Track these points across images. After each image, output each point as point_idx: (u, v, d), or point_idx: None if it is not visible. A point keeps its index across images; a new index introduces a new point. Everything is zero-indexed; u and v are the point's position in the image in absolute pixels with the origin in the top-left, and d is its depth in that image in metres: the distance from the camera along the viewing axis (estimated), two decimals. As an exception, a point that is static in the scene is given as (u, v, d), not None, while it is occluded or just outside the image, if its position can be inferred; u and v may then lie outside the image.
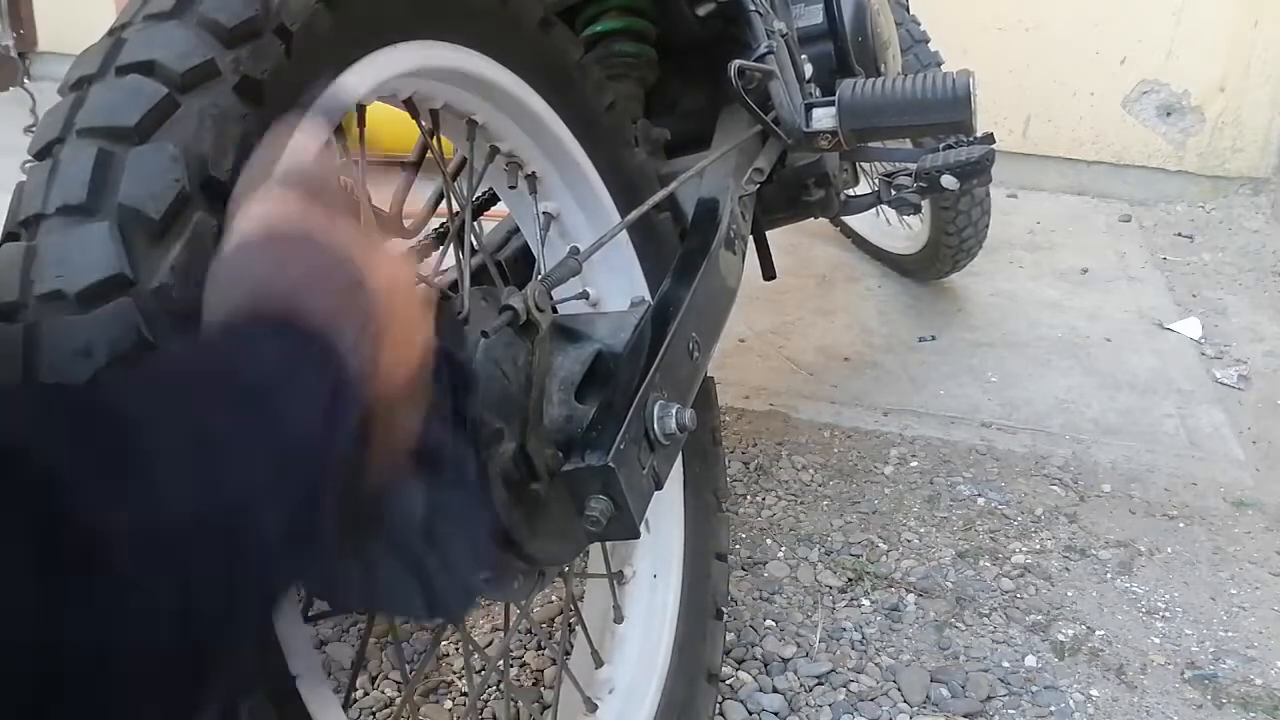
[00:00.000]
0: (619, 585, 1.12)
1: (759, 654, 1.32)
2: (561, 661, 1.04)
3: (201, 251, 0.58)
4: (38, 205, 0.59)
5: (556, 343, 0.93)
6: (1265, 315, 2.33)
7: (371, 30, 0.76)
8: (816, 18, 1.38)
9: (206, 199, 0.59)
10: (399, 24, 0.79)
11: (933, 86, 1.14)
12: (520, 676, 1.28)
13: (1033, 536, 1.56)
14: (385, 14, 0.77)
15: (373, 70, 0.76)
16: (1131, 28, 2.89)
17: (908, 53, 1.85)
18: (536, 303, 0.81)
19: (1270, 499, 1.68)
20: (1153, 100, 2.95)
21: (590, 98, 1.04)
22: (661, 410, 0.87)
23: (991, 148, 1.36)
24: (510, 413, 0.85)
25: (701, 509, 1.19)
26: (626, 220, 0.96)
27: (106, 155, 0.58)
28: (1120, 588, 1.47)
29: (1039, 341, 2.17)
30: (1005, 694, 1.28)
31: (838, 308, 2.28)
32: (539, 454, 0.87)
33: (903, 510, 1.62)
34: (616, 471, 0.80)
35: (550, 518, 0.90)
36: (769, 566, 1.48)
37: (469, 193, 1.00)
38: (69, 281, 0.56)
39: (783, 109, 1.18)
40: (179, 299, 0.57)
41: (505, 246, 1.31)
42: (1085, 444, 1.82)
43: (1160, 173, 3.00)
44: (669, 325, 0.93)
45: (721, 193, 1.14)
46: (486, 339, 0.83)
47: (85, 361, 0.55)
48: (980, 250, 2.17)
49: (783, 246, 2.39)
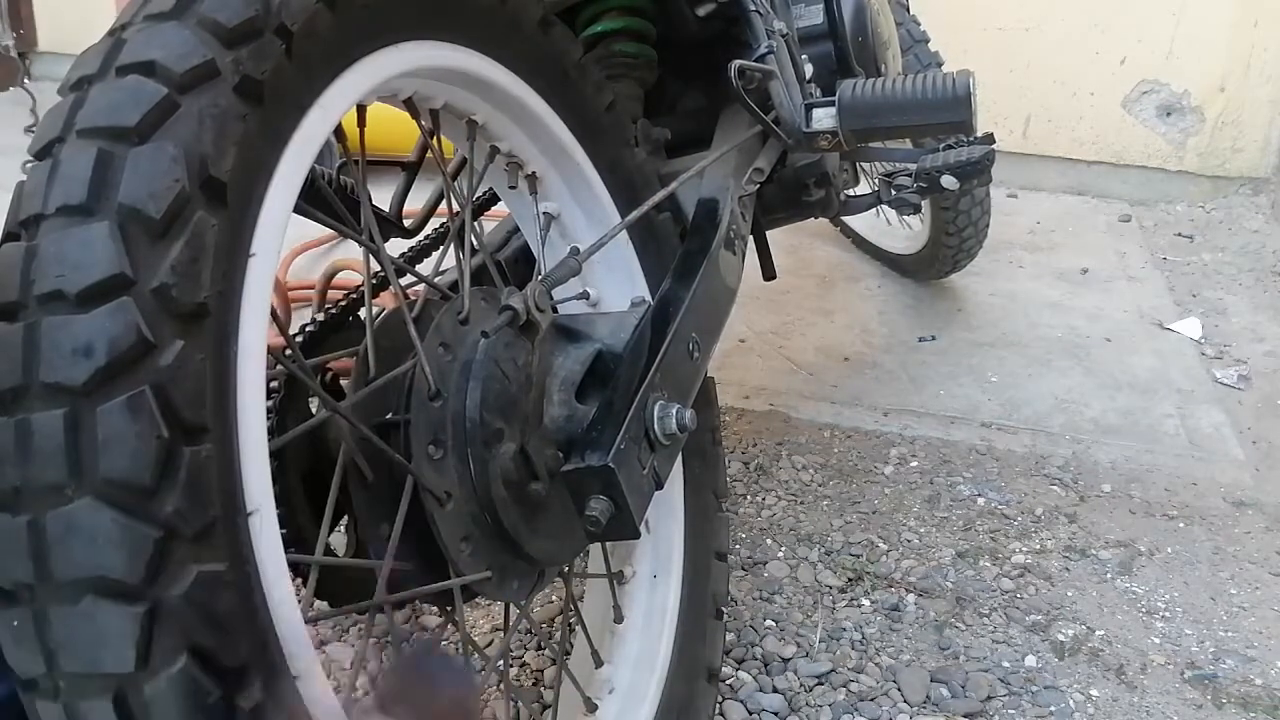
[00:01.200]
0: (619, 585, 1.12)
1: (759, 654, 1.32)
2: (561, 661, 1.04)
3: (201, 251, 0.58)
4: (38, 205, 0.59)
5: (556, 343, 0.93)
6: (1265, 315, 2.33)
7: (372, 30, 0.76)
8: (816, 18, 1.38)
9: (206, 199, 0.59)
10: (399, 24, 0.79)
11: (932, 86, 1.14)
12: (520, 676, 1.28)
13: (1033, 536, 1.56)
14: (386, 14, 0.77)
15: (373, 70, 0.76)
16: (1131, 28, 2.89)
17: (908, 53, 1.85)
18: (536, 303, 0.81)
19: (1270, 499, 1.68)
20: (1153, 100, 2.95)
21: (590, 98, 1.04)
22: (661, 410, 0.87)
23: (991, 148, 1.36)
24: (510, 413, 0.85)
25: (701, 509, 1.19)
26: (626, 220, 0.96)
27: (106, 155, 0.58)
28: (1120, 588, 1.47)
29: (1039, 341, 2.17)
30: (1005, 694, 1.28)
31: (838, 308, 2.28)
32: (539, 454, 0.87)
33: (903, 510, 1.62)
34: (616, 471, 0.80)
35: (550, 518, 0.90)
36: (769, 566, 1.48)
37: (469, 193, 1.00)
38: (69, 281, 0.56)
39: (783, 109, 1.18)
40: (179, 298, 0.57)
41: (505, 246, 1.31)
42: (1085, 444, 1.82)
43: (1160, 173, 3.00)
44: (669, 325, 0.93)
45: (721, 193, 1.14)
46: (486, 339, 0.83)
47: (85, 361, 0.55)
48: (980, 250, 2.17)
49: (783, 246, 2.39)
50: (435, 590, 0.84)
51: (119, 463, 0.54)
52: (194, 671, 0.55)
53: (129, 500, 0.54)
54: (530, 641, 1.33)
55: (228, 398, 0.60)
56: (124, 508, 0.54)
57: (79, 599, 0.54)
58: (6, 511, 0.55)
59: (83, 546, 0.54)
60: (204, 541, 0.56)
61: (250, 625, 0.59)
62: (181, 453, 0.56)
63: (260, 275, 0.63)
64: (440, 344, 0.85)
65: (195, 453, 0.56)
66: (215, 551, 0.57)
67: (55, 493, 0.55)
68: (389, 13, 0.77)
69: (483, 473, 0.83)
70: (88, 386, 0.55)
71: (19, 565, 0.55)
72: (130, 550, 0.54)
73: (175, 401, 0.56)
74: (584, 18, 1.27)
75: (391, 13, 0.78)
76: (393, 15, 0.78)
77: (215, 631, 0.56)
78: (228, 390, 0.60)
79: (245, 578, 0.59)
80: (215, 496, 0.57)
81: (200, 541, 0.56)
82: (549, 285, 0.84)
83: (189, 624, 0.55)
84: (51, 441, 0.54)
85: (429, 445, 0.82)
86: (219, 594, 0.57)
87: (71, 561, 0.54)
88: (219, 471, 0.58)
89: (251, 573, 0.60)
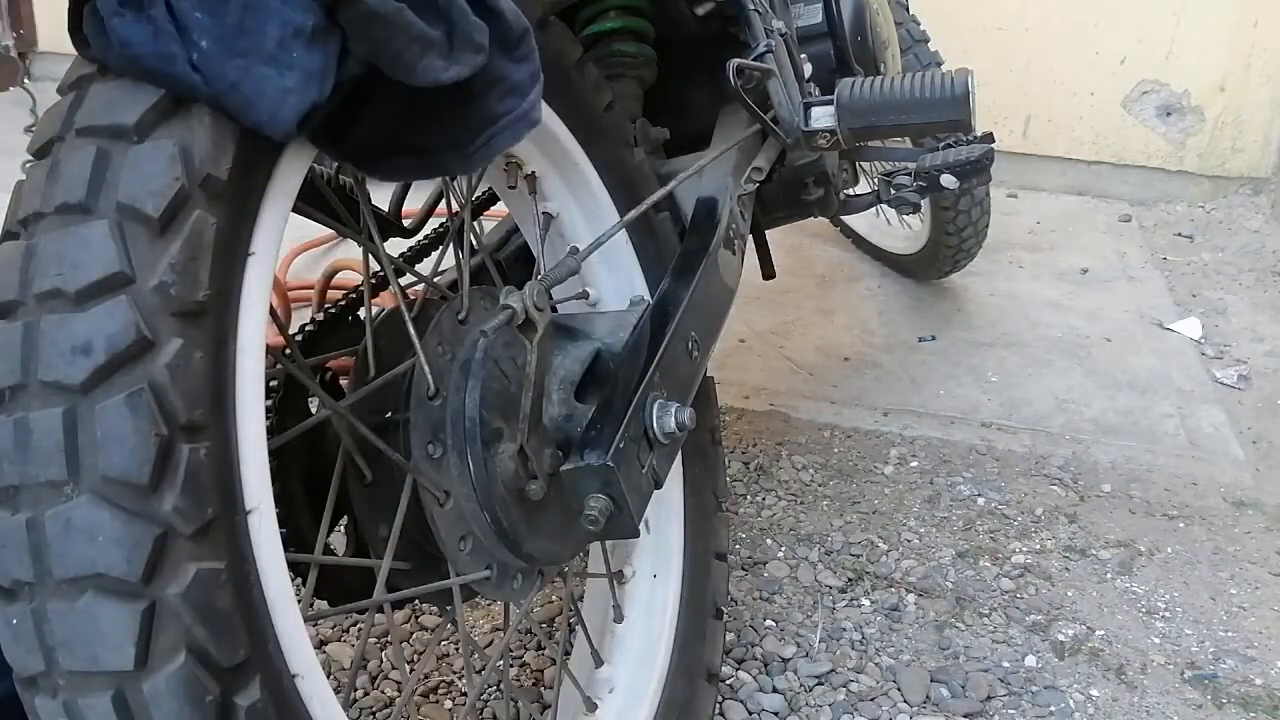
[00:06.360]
0: (619, 585, 1.12)
1: (759, 654, 1.32)
2: (561, 661, 1.04)
3: (200, 249, 0.58)
4: (37, 204, 0.59)
5: (556, 342, 0.93)
6: (1265, 315, 2.33)
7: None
8: (816, 17, 1.38)
9: (205, 197, 0.59)
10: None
11: (931, 86, 1.14)
12: (520, 676, 1.28)
13: (1033, 536, 1.56)
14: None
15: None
16: (1131, 28, 2.89)
17: (907, 52, 1.85)
18: (535, 302, 0.81)
19: (1270, 499, 1.68)
20: (1153, 100, 2.95)
21: (589, 97, 1.04)
22: (661, 409, 0.87)
23: (991, 147, 1.35)
24: (510, 412, 0.86)
25: (701, 509, 1.19)
26: (625, 219, 0.96)
27: (105, 154, 0.58)
28: (1120, 588, 1.47)
29: (1039, 341, 2.17)
30: (1005, 694, 1.28)
31: (838, 308, 2.28)
32: (538, 453, 0.87)
33: (903, 510, 1.62)
34: (616, 470, 0.80)
35: (549, 517, 0.90)
36: (769, 566, 1.48)
37: (468, 193, 1.00)
38: (68, 279, 0.56)
39: (781, 108, 1.18)
40: (178, 297, 0.57)
41: (505, 246, 1.31)
42: (1085, 444, 1.82)
43: (1160, 173, 3.00)
44: (668, 324, 0.93)
45: (720, 192, 1.14)
46: (485, 338, 0.83)
47: (84, 359, 0.55)
48: (980, 250, 2.17)
49: (783, 246, 2.39)
50: (434, 590, 0.85)
51: (118, 461, 0.54)
52: (193, 669, 0.55)
53: (128, 498, 0.54)
54: (530, 641, 1.33)
55: (226, 396, 0.60)
56: (123, 506, 0.54)
57: (78, 597, 0.54)
58: (5, 509, 0.55)
59: (82, 544, 0.54)
60: (203, 540, 0.56)
61: (249, 624, 0.59)
62: (180, 451, 0.56)
63: (259, 274, 0.63)
64: (439, 343, 0.85)
65: (194, 451, 0.56)
66: (214, 550, 0.57)
67: (54, 491, 0.55)
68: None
69: (482, 472, 0.83)
70: (86, 384, 0.55)
71: (18, 563, 0.55)
72: (129, 548, 0.54)
73: (174, 400, 0.56)
74: (583, 17, 1.27)
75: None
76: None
77: (214, 630, 0.56)
78: (226, 388, 0.60)
79: (244, 576, 0.59)
80: (214, 495, 0.57)
81: (199, 540, 0.56)
82: (548, 284, 0.84)
83: (188, 622, 0.55)
84: (50, 440, 0.54)
85: (428, 444, 0.82)
86: (218, 592, 0.57)
87: (70, 559, 0.54)
88: (218, 470, 0.58)
89: (250, 571, 0.60)
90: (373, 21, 0.59)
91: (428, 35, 0.61)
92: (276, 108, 0.58)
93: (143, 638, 0.54)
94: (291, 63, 0.58)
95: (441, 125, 0.68)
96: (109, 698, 0.54)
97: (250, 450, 0.61)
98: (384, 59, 0.61)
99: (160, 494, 0.55)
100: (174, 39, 0.57)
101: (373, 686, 1.26)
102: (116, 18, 0.57)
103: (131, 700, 0.54)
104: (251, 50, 0.57)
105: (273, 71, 0.58)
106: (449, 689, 1.26)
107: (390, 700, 1.24)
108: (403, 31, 0.60)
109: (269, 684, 0.60)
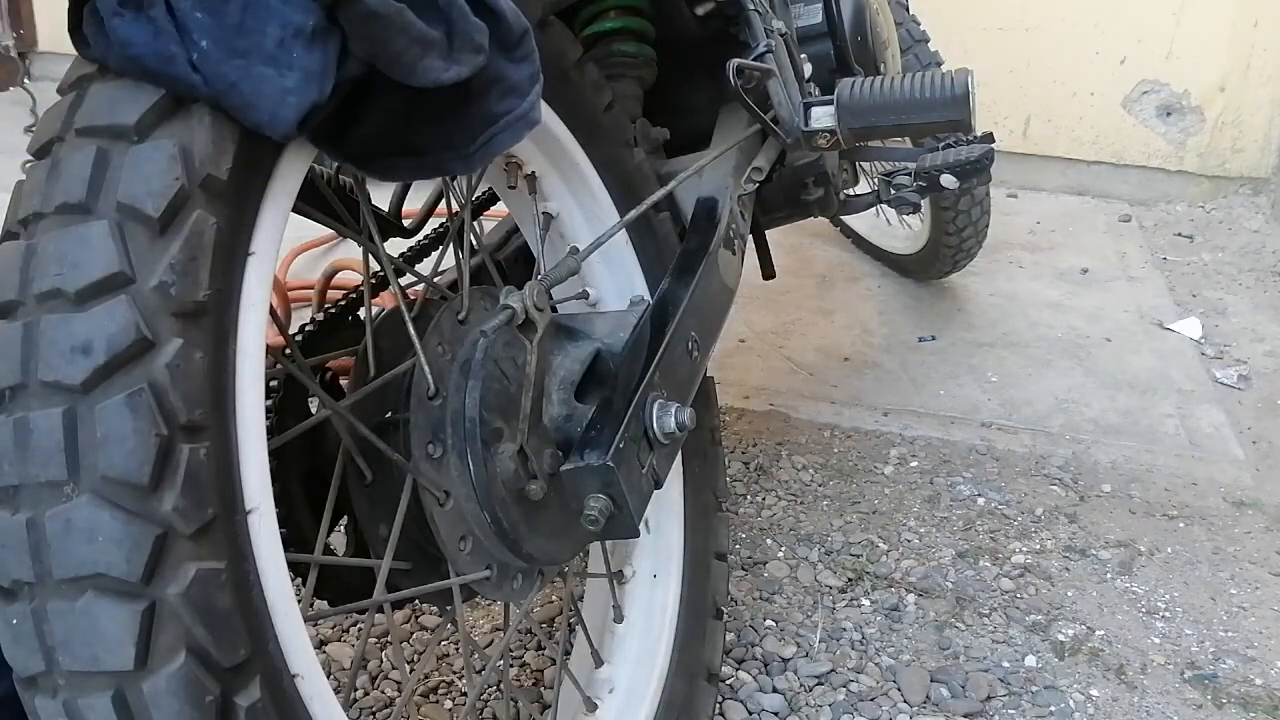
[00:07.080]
0: (619, 585, 1.12)
1: (759, 654, 1.32)
2: (561, 661, 1.04)
3: (200, 249, 0.58)
4: (37, 204, 0.59)
5: (556, 342, 0.93)
6: (1265, 315, 2.33)
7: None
8: (816, 17, 1.38)
9: (205, 197, 0.59)
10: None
11: (931, 86, 1.14)
12: (520, 676, 1.28)
13: (1033, 536, 1.56)
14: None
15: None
16: (1131, 28, 2.89)
17: (907, 52, 1.85)
18: (535, 302, 0.81)
19: (1270, 499, 1.68)
20: (1153, 100, 2.95)
21: (589, 97, 1.04)
22: (661, 409, 0.87)
23: (991, 147, 1.35)
24: (510, 412, 0.86)
25: (701, 509, 1.19)
26: (625, 219, 0.95)
27: (105, 154, 0.58)
28: (1120, 588, 1.47)
29: (1039, 341, 2.17)
30: (1005, 694, 1.28)
31: (838, 308, 2.28)
32: (538, 453, 0.87)
33: (903, 510, 1.62)
34: (616, 470, 0.80)
35: (549, 517, 0.90)
36: (769, 566, 1.48)
37: (468, 193, 1.00)
38: (68, 279, 0.56)
39: (781, 108, 1.18)
40: (178, 297, 0.57)
41: (505, 246, 1.31)
42: (1085, 444, 1.82)
43: (1160, 173, 3.00)
44: (668, 324, 0.93)
45: (720, 192, 1.14)
46: (485, 338, 0.83)
47: (83, 359, 0.55)
48: (980, 250, 2.17)
49: (783, 246, 2.39)
50: (434, 590, 0.85)
51: (117, 461, 0.54)
52: (193, 669, 0.55)
53: (128, 498, 0.54)
54: (530, 641, 1.33)
55: (226, 396, 0.60)
56: (123, 506, 0.54)
57: (78, 597, 0.54)
58: (5, 509, 0.55)
59: (82, 544, 0.54)
60: (203, 540, 0.56)
61: (249, 624, 0.59)
62: (180, 451, 0.56)
63: (259, 274, 0.63)
64: (439, 343, 0.85)
65: (194, 451, 0.56)
66: (214, 550, 0.57)
67: (54, 491, 0.55)
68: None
69: (482, 472, 0.83)
70: (86, 384, 0.55)
71: (18, 563, 0.55)
72: (129, 548, 0.54)
73: (174, 400, 0.56)
74: (583, 17, 1.27)
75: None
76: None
77: (214, 630, 0.56)
78: (226, 388, 0.60)
79: (244, 576, 0.59)
80: (214, 495, 0.57)
81: (199, 540, 0.56)
82: (548, 284, 0.84)
83: (188, 622, 0.55)
84: (50, 439, 0.54)
85: (428, 444, 0.82)
86: (218, 592, 0.57)
87: (70, 559, 0.54)
88: (218, 470, 0.58)
89: (250, 571, 0.60)
90: (373, 22, 0.59)
91: (428, 35, 0.61)
92: (276, 108, 0.58)
93: (143, 638, 0.54)
94: (291, 63, 0.58)
95: (441, 125, 0.68)
96: (109, 698, 0.54)
97: (250, 450, 0.61)
98: (384, 59, 0.61)
99: (160, 494, 0.55)
100: (174, 39, 0.57)
101: (373, 686, 1.26)
102: (116, 18, 0.57)
103: (131, 700, 0.54)
104: (251, 50, 0.57)
105: (273, 71, 0.58)
106: (449, 689, 1.26)
107: (390, 700, 1.24)
108: (403, 32, 0.60)
109: (269, 684, 0.60)
